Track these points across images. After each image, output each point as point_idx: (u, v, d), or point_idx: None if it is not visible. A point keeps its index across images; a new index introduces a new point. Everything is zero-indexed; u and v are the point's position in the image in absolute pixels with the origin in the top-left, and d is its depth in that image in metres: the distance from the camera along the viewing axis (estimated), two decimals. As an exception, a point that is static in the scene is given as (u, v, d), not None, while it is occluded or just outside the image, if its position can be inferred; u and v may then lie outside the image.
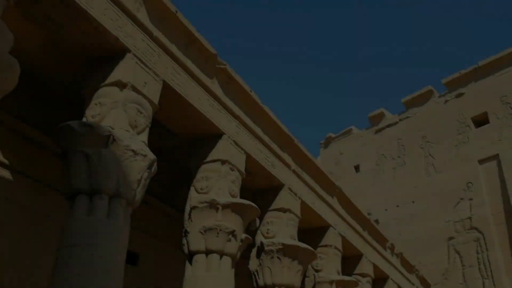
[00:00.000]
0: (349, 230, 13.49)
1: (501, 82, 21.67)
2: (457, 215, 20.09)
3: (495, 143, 20.49)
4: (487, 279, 17.98)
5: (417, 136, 23.74)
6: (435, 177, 21.80)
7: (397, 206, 22.44)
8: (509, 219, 18.60)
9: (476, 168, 20.59)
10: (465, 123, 22.13)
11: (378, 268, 14.71)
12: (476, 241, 18.98)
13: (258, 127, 9.96)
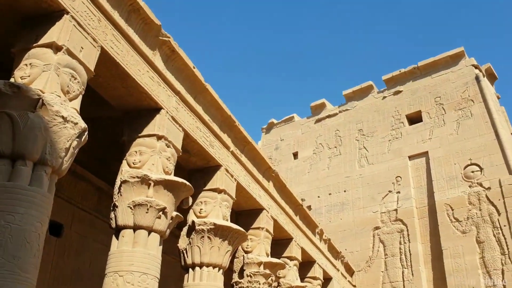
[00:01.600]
0: (282, 214, 13.74)
1: (436, 84, 22.76)
2: (384, 206, 21.03)
3: (426, 141, 21.56)
4: (406, 268, 19.05)
5: (354, 128, 24.51)
6: (367, 169, 22.65)
7: (329, 194, 23.15)
8: (432, 214, 19.72)
9: (406, 163, 21.59)
10: (400, 119, 23.09)
11: (306, 252, 15.14)
12: (400, 232, 19.98)
13: (199, 105, 9.81)
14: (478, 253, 17.60)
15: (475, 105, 20.92)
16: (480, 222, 18.03)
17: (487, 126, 20.06)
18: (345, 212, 22.05)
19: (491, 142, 19.52)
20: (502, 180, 18.24)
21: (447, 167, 20.11)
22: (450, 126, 21.18)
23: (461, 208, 18.77)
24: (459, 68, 22.44)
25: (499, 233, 17.43)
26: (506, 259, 16.87)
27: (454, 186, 19.43)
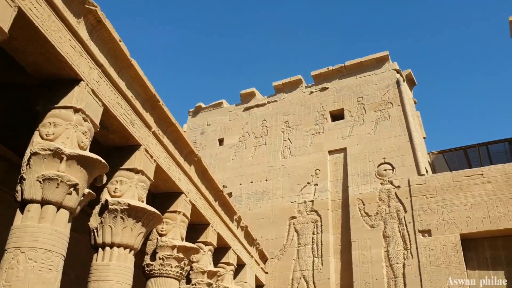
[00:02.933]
0: (201, 200, 13.72)
1: (360, 84, 23.75)
2: (302, 197, 21.70)
3: (345, 137, 22.47)
4: (317, 258, 19.84)
5: (281, 120, 24.98)
6: (290, 160, 23.22)
7: (251, 182, 23.47)
8: (345, 207, 20.65)
9: (326, 157, 22.38)
10: (324, 115, 23.85)
11: (222, 238, 15.27)
12: (314, 222, 20.74)
13: (123, 80, 9.49)
14: (383, 246, 18.73)
15: (393, 107, 22.10)
16: (388, 218, 19.17)
17: (402, 129, 21.27)
18: (265, 200, 22.49)
19: (405, 144, 20.74)
20: (411, 180, 19.47)
21: (362, 164, 21.13)
22: (368, 125, 22.22)
23: (372, 203, 19.84)
24: (383, 71, 23.55)
25: (404, 229, 18.64)
26: (408, 253, 18.11)
27: (367, 182, 20.48)
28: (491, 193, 17.70)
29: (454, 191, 18.38)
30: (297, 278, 19.73)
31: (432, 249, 17.65)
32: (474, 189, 18.07)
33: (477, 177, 18.29)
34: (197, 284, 13.43)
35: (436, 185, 18.84)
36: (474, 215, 17.54)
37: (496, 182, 17.83)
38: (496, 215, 17.22)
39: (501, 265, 17.16)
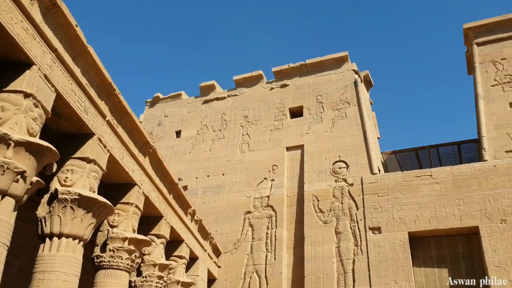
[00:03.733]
0: (154, 192, 13.54)
1: (320, 83, 24.08)
2: (258, 192, 21.81)
3: (303, 135, 22.74)
4: (270, 252, 20.04)
5: (241, 114, 24.97)
6: (248, 155, 23.27)
7: (208, 176, 23.36)
8: (300, 203, 20.93)
9: (283, 153, 22.59)
10: (283, 112, 24.03)
11: (175, 231, 15.14)
12: (269, 218, 20.91)
13: (78, 66, 9.20)
14: (335, 242, 19.14)
15: (350, 107, 22.55)
16: (341, 215, 19.59)
17: (358, 128, 21.76)
18: (221, 195, 22.45)
19: (359, 143, 21.22)
20: (364, 178, 19.97)
21: (318, 161, 21.47)
22: (326, 124, 22.58)
23: (326, 200, 20.21)
24: (342, 71, 23.97)
25: (355, 226, 19.11)
26: (358, 250, 18.59)
27: (322, 179, 20.84)
28: (439, 194, 18.41)
29: (404, 191, 18.99)
30: (250, 272, 19.86)
31: (381, 246, 18.19)
32: (423, 189, 18.74)
33: (426, 178, 18.97)
34: (148, 277, 13.27)
35: (387, 184, 19.40)
36: (422, 214, 18.20)
37: (444, 183, 18.55)
38: (443, 215, 17.92)
39: (445, 263, 17.91)
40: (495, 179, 17.85)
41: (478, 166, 18.47)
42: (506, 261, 16.29)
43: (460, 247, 17.95)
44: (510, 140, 18.79)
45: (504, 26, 21.71)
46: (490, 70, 20.98)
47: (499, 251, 16.55)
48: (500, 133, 19.12)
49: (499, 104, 19.90)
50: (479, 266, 17.25)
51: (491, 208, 17.35)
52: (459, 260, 17.77)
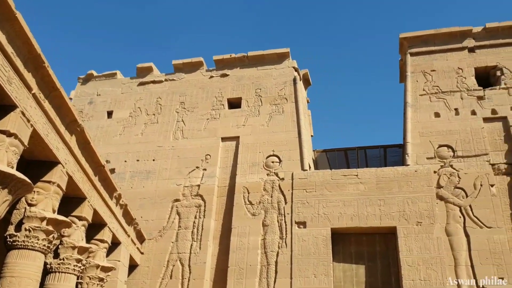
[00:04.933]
0: (79, 172, 12.97)
1: (260, 76, 24.18)
2: (189, 181, 21.57)
3: (240, 126, 22.76)
4: (196, 242, 19.93)
5: (177, 100, 24.52)
6: (181, 142, 22.92)
7: (137, 160, 22.76)
8: (230, 194, 20.96)
9: (218, 143, 22.47)
10: (221, 101, 23.89)
11: (98, 214, 14.62)
12: (198, 207, 20.76)
13: (3, 33, 8.55)
14: (261, 235, 19.38)
15: (287, 103, 22.86)
16: (269, 208, 19.87)
17: (293, 125, 22.12)
18: (150, 180, 21.97)
19: (294, 139, 21.60)
20: (294, 174, 20.36)
21: (252, 154, 21.60)
22: (263, 117, 22.75)
23: (256, 192, 20.40)
24: (282, 67, 24.22)
25: (282, 219, 19.46)
26: (282, 243, 18.96)
27: (255, 172, 21.01)
28: (363, 193, 19.18)
29: (331, 188, 19.60)
30: (173, 260, 19.65)
31: (305, 240, 18.67)
32: (349, 188, 19.44)
33: (352, 177, 19.69)
34: (65, 260, 12.71)
35: (316, 181, 19.92)
36: (346, 212, 18.88)
37: (368, 184, 19.35)
38: (365, 213, 18.71)
39: (363, 260, 18.74)
40: (415, 183, 18.88)
41: (400, 170, 19.44)
42: (418, 261, 17.31)
43: (378, 246, 18.83)
44: (432, 148, 19.92)
45: (437, 39, 22.92)
46: (420, 80, 22.09)
47: (413, 251, 17.55)
48: (423, 141, 20.23)
49: (425, 113, 21.02)
50: (394, 264, 18.22)
51: (409, 210, 18.34)
52: (376, 258, 18.65)
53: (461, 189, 18.59)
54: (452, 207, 18.30)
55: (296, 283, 17.87)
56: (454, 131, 20.14)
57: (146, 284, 19.36)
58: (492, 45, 22.11)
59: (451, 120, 20.54)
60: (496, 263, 16.90)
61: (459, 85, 21.44)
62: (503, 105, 20.35)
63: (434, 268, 17.06)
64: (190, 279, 19.08)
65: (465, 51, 22.35)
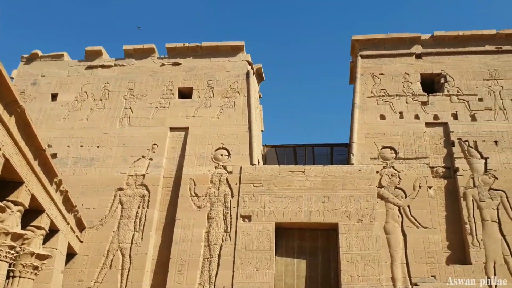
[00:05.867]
0: (17, 155, 12.33)
1: (213, 68, 23.97)
2: (134, 170, 21.08)
3: (189, 117, 22.48)
4: (138, 232, 19.52)
5: (126, 86, 23.87)
6: (128, 130, 22.34)
7: (81, 146, 21.98)
8: (176, 185, 20.67)
9: (166, 133, 22.09)
10: (172, 90, 23.49)
11: (36, 200, 13.98)
12: (142, 197, 20.34)
13: None
14: (206, 227, 19.27)
15: (239, 97, 22.82)
16: (215, 201, 19.78)
17: (244, 119, 22.12)
18: (93, 167, 21.28)
19: (244, 133, 21.60)
20: (243, 168, 20.38)
21: (201, 146, 21.41)
22: (214, 109, 22.59)
23: (203, 185, 20.24)
24: (236, 60, 24.13)
25: (227, 213, 19.44)
26: (227, 236, 18.94)
27: (202, 164, 20.84)
28: (308, 190, 19.50)
29: (278, 183, 19.79)
30: (114, 250, 19.17)
31: (249, 234, 18.76)
32: (295, 184, 19.71)
33: (299, 174, 19.97)
34: (-3, 247, 12.05)
35: (264, 176, 20.04)
36: (291, 207, 19.14)
37: (314, 180, 19.70)
38: (309, 209, 19.04)
39: (305, 254, 19.09)
40: (358, 182, 19.42)
41: (345, 169, 19.92)
42: (357, 257, 17.85)
43: (320, 241, 19.25)
44: (376, 149, 20.55)
45: (387, 44, 23.62)
46: (368, 82, 22.70)
47: (352, 247, 18.07)
48: (368, 141, 20.82)
49: (371, 115, 21.63)
50: (334, 260, 18.68)
51: (351, 207, 18.85)
52: (318, 253, 19.06)
53: (401, 189, 19.33)
54: (392, 206, 19.00)
55: (238, 276, 17.94)
56: (398, 134, 20.86)
57: (84, 273, 18.78)
58: (438, 53, 23.05)
59: (395, 123, 21.26)
60: (429, 261, 17.71)
61: (405, 89, 22.20)
62: (444, 111, 21.29)
63: (372, 264, 17.66)
64: (130, 270, 18.69)
65: (412, 57, 23.18)
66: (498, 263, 17.44)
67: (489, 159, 19.65)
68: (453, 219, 18.78)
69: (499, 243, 17.81)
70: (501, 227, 18.13)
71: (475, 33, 23.04)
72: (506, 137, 20.15)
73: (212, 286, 18.02)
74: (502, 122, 20.66)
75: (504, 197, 18.70)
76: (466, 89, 21.81)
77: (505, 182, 19.01)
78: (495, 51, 22.76)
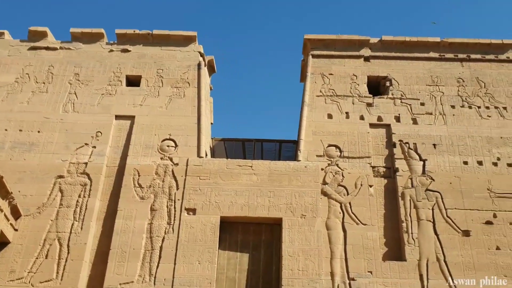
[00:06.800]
0: None
1: (164, 57, 23.55)
2: (76, 157, 20.36)
3: (137, 106, 21.98)
4: (78, 221, 18.88)
5: (71, 70, 23.00)
6: (71, 116, 21.55)
7: (20, 130, 20.96)
8: (119, 175, 20.15)
9: (111, 121, 21.48)
10: (119, 77, 22.88)
11: (-34, 185, 13.22)
12: (83, 186, 19.69)
13: None
14: (148, 219, 18.94)
15: (190, 88, 22.57)
16: (160, 192, 19.48)
17: (194, 110, 21.91)
18: (32, 153, 20.35)
19: (192, 125, 21.40)
20: (190, 160, 20.19)
21: (147, 136, 21.00)
22: (162, 99, 22.21)
23: (147, 176, 19.87)
24: (187, 51, 23.84)
25: (171, 205, 19.19)
26: (169, 228, 18.71)
27: (148, 155, 20.43)
28: (255, 184, 19.62)
29: (225, 177, 19.77)
30: (51, 239, 18.45)
31: (193, 227, 18.63)
32: (242, 178, 19.76)
33: (247, 168, 20.05)
34: None
35: (211, 169, 19.95)
36: (237, 201, 19.18)
37: (261, 175, 19.84)
38: (255, 204, 19.17)
39: (248, 248, 19.21)
40: (304, 178, 19.76)
41: (292, 165, 20.21)
42: (299, 252, 18.17)
43: (263, 235, 19.43)
44: (322, 147, 20.98)
45: (337, 45, 24.12)
46: (318, 81, 23.11)
47: (295, 242, 18.37)
48: (315, 139, 21.21)
49: (319, 114, 22.04)
50: (277, 254, 18.93)
51: (296, 203, 19.16)
52: (261, 247, 19.23)
53: (344, 187, 19.85)
54: (334, 203, 19.47)
55: (179, 269, 17.78)
56: (343, 133, 21.38)
57: (17, 263, 17.94)
58: (385, 57, 23.82)
59: (341, 122, 21.78)
60: (367, 257, 18.31)
61: (352, 90, 22.78)
62: (388, 113, 22.04)
63: (312, 259, 18.04)
64: (67, 260, 18.06)
65: (361, 59, 23.81)
66: (431, 261, 18.30)
67: (427, 161, 20.55)
68: (391, 217, 19.52)
69: (433, 241, 18.68)
70: (435, 226, 19.02)
71: (421, 40, 23.99)
72: (444, 141, 21.15)
73: (152, 278, 17.76)
74: (441, 126, 21.66)
75: (439, 198, 19.63)
76: (409, 93, 22.68)
77: (440, 183, 19.96)
78: (438, 58, 23.80)
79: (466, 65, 23.68)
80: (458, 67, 23.63)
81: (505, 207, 19.46)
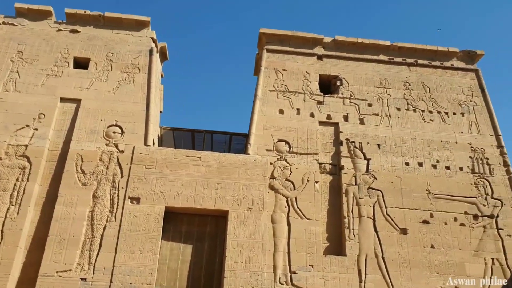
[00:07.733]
0: None
1: (114, 40, 22.83)
2: (15, 139, 19.41)
3: (83, 89, 21.20)
4: (14, 206, 18.03)
5: (15, 47, 21.83)
6: (12, 96, 20.49)
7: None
8: (61, 160, 19.41)
9: (55, 103, 20.62)
10: (66, 59, 21.96)
11: None
12: (22, 169, 18.83)
13: None
14: (90, 206, 18.38)
15: (140, 74, 22.02)
16: (103, 179, 18.94)
17: (142, 97, 21.40)
18: (-31, 132, 19.19)
19: (140, 112, 20.91)
20: (136, 148, 19.74)
21: (93, 121, 20.32)
22: (111, 84, 21.55)
23: (91, 162, 19.24)
24: (140, 36, 23.22)
25: (115, 193, 18.72)
26: (112, 216, 18.24)
27: (92, 140, 19.79)
28: (203, 176, 19.47)
29: (172, 167, 19.49)
30: (-17, 224, 17.52)
31: (136, 216, 18.27)
32: (190, 169, 19.56)
33: (195, 159, 19.85)
34: None
35: (158, 158, 19.61)
36: (183, 192, 18.97)
37: (209, 167, 19.71)
38: (201, 195, 19.03)
39: (192, 239, 19.09)
40: (252, 171, 19.83)
41: (241, 158, 20.22)
42: (243, 244, 18.26)
43: (208, 227, 19.36)
44: (272, 141, 21.13)
45: (292, 41, 24.31)
46: (271, 76, 23.21)
47: (239, 235, 18.44)
48: (266, 133, 21.33)
49: (271, 108, 22.17)
50: (221, 246, 18.93)
51: (243, 196, 19.21)
52: (205, 239, 19.16)
53: (291, 182, 20.11)
54: (281, 197, 19.70)
55: (120, 258, 17.40)
56: (293, 129, 21.63)
57: None
58: (337, 57, 24.26)
59: (292, 118, 22.01)
60: (309, 251, 18.68)
61: (304, 87, 23.06)
62: (337, 112, 22.51)
63: (256, 252, 18.19)
64: (1, 246, 17.23)
65: (314, 58, 24.13)
66: (370, 256, 18.94)
67: (371, 160, 21.20)
68: (334, 213, 20.00)
69: (372, 238, 19.34)
70: (375, 223, 19.70)
71: (372, 42, 24.64)
72: (388, 142, 21.88)
73: (91, 266, 17.28)
74: (386, 127, 22.38)
75: (380, 196, 20.33)
76: (358, 94, 23.26)
77: (382, 182, 20.66)
78: (387, 61, 24.55)
79: (413, 69, 24.59)
80: (406, 71, 24.49)
81: (441, 208, 20.45)
